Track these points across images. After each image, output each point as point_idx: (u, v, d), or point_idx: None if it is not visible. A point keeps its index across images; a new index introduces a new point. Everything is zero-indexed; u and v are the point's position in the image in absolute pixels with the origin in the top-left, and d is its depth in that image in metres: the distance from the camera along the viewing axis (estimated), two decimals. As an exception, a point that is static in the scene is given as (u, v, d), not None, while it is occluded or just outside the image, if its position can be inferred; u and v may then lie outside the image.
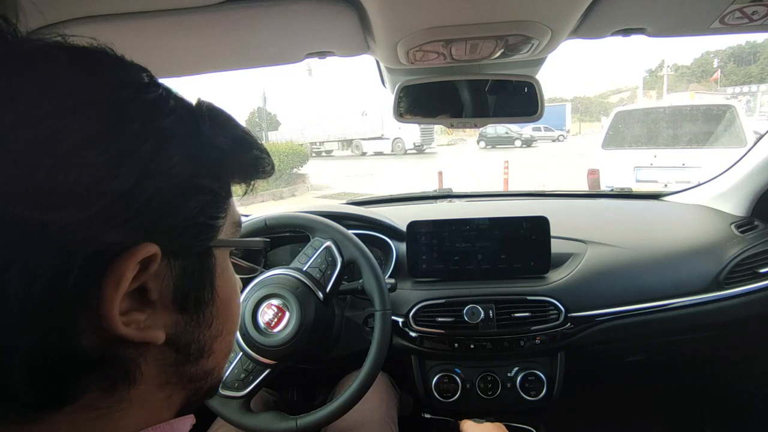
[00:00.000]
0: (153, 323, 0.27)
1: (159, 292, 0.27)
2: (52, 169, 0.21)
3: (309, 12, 0.60)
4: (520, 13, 0.59)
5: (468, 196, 1.59)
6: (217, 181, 0.30)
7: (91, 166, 0.22)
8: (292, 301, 0.78)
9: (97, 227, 0.23)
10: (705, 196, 1.29)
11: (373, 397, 0.91)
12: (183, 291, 0.28)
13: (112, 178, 0.23)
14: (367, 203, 1.44)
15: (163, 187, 0.25)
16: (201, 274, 0.30)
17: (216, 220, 0.30)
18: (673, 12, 0.64)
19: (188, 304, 0.29)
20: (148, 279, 0.26)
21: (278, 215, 0.87)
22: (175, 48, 0.68)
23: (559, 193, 1.62)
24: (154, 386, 0.28)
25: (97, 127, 0.23)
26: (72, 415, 0.25)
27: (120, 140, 0.24)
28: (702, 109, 4.45)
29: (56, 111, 0.22)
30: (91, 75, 0.24)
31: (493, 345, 0.95)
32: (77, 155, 0.22)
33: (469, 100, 0.88)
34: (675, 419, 1.37)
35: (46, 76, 0.23)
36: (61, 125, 0.22)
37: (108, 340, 0.24)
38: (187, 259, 0.28)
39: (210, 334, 0.31)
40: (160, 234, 0.26)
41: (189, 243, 0.28)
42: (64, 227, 0.21)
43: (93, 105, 0.23)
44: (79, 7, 0.54)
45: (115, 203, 0.23)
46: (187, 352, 0.30)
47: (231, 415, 0.78)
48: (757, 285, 0.98)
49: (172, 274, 0.27)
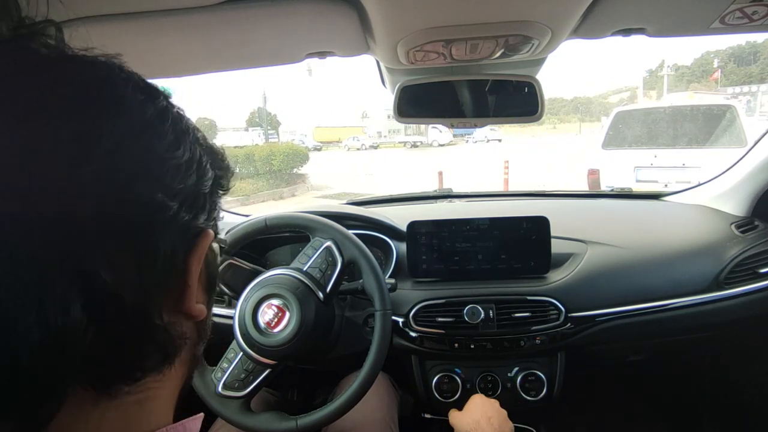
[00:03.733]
0: (198, 300, 0.31)
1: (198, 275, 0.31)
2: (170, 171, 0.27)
3: (309, 12, 0.60)
4: (520, 13, 0.59)
5: (468, 196, 1.59)
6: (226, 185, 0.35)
7: (177, 167, 0.28)
8: (293, 301, 0.78)
9: (186, 213, 0.28)
10: (705, 196, 1.29)
11: (373, 398, 0.91)
12: (211, 274, 0.34)
13: (187, 177, 0.28)
14: (367, 203, 1.44)
15: (208, 187, 0.31)
16: (214, 259, 0.35)
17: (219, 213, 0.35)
18: (674, 12, 0.64)
19: (210, 286, 0.34)
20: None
21: (278, 215, 0.87)
22: (175, 48, 0.68)
23: (560, 193, 1.62)
24: (179, 366, 0.31)
25: (174, 137, 0.28)
26: (121, 399, 0.26)
27: (186, 149, 0.29)
28: (702, 109, 4.44)
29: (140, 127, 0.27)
30: (152, 97, 0.28)
31: (494, 345, 0.95)
32: (171, 157, 0.27)
33: (469, 100, 0.88)
34: (675, 419, 1.37)
35: (125, 100, 0.27)
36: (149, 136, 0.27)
37: (176, 314, 0.29)
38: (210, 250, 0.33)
39: (210, 316, 0.35)
40: (210, 223, 0.32)
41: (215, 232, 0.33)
42: (177, 212, 0.27)
43: (162, 122, 0.28)
44: (79, 7, 0.54)
45: (190, 196, 0.29)
46: (204, 331, 0.34)
47: (231, 415, 0.78)
48: (758, 285, 0.98)
49: (205, 260, 0.32)
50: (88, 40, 0.26)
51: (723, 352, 1.24)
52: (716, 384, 1.33)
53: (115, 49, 0.27)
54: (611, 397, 1.41)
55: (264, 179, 10.28)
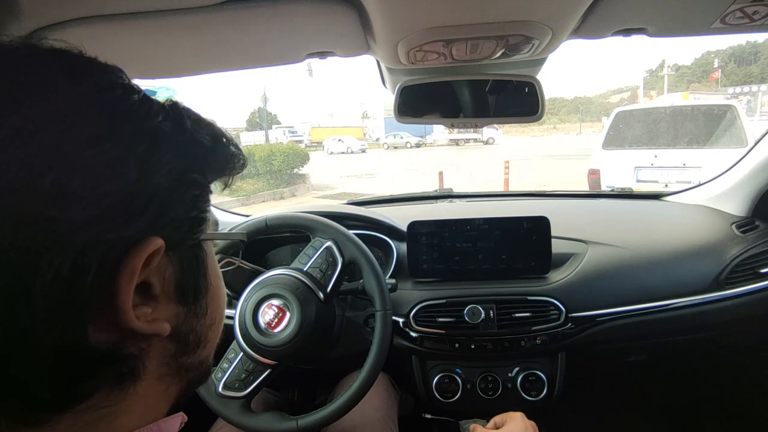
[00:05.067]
0: (158, 316, 0.28)
1: (161, 285, 0.28)
2: (60, 171, 0.22)
3: (309, 12, 0.60)
4: (520, 13, 0.59)
5: (468, 196, 1.59)
6: (204, 175, 0.31)
7: (94, 166, 0.23)
8: (293, 302, 0.78)
9: (108, 224, 0.23)
10: (706, 196, 1.29)
11: (373, 398, 0.91)
12: (182, 283, 0.30)
13: (116, 177, 0.24)
14: (367, 203, 1.44)
15: (161, 183, 0.26)
16: (196, 265, 0.31)
17: (205, 213, 0.31)
18: (674, 12, 0.64)
19: (187, 295, 0.30)
20: (151, 274, 0.27)
21: (279, 215, 0.87)
22: (175, 48, 0.68)
23: (560, 193, 1.62)
24: (155, 380, 0.29)
25: (97, 129, 0.24)
26: (75, 416, 0.25)
27: (118, 140, 0.24)
28: (703, 109, 4.44)
29: (56, 115, 0.23)
30: (81, 78, 0.25)
31: (494, 345, 0.95)
32: (81, 156, 0.23)
33: (469, 101, 0.88)
34: (675, 419, 1.37)
35: (42, 81, 0.23)
36: (61, 128, 0.23)
37: (120, 335, 0.25)
38: (183, 252, 0.30)
39: (205, 323, 0.33)
40: (162, 228, 0.27)
41: (186, 236, 0.29)
42: (80, 225, 0.22)
43: (90, 107, 0.24)
44: (78, 7, 0.54)
45: (121, 201, 0.24)
46: (186, 342, 0.31)
47: (232, 415, 0.78)
48: (758, 285, 0.98)
49: (172, 267, 0.29)
50: (88, 40, 0.26)
51: (724, 352, 1.24)
52: (717, 384, 1.33)
53: (115, 49, 0.27)
54: (611, 397, 1.41)
55: (264, 179, 10.27)
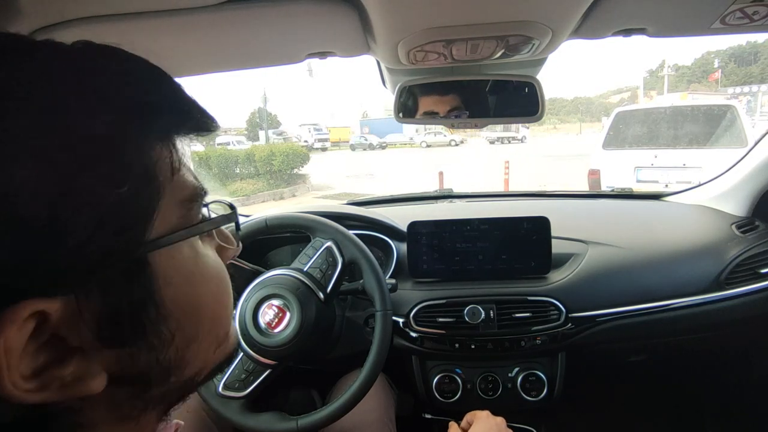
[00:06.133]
0: (86, 371, 0.21)
1: (79, 335, 0.21)
2: None
3: (309, 12, 0.60)
4: (520, 14, 0.59)
5: (468, 197, 1.59)
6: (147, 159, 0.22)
7: None
8: (293, 302, 0.78)
9: None
10: (706, 197, 1.29)
11: (370, 398, 0.91)
12: (112, 323, 0.22)
13: None
14: (367, 203, 1.44)
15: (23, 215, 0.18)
16: (134, 293, 0.23)
17: (139, 221, 0.22)
18: (674, 12, 0.64)
19: (125, 334, 0.23)
20: (58, 327, 0.20)
21: (279, 215, 0.87)
22: (175, 48, 0.68)
23: (560, 193, 1.62)
24: (114, 423, 0.24)
25: None
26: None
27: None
28: (703, 109, 4.44)
29: None
30: None
31: (494, 345, 0.95)
32: None
33: (469, 101, 0.88)
34: (676, 419, 1.37)
35: None
36: None
37: (24, 411, 0.20)
38: (107, 285, 0.21)
39: (175, 348, 0.25)
40: (43, 277, 0.19)
41: (98, 269, 0.21)
42: None
43: None
44: (78, 7, 0.54)
45: None
46: (146, 380, 0.25)
47: (231, 415, 0.78)
48: (758, 285, 0.98)
49: (92, 310, 0.21)
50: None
51: (724, 352, 1.24)
52: (717, 384, 1.33)
53: None
54: (612, 397, 1.41)
55: (264, 179, 10.28)
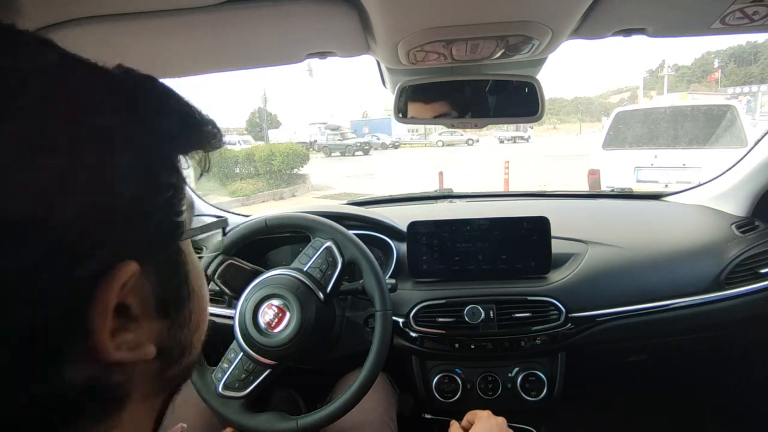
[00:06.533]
0: (141, 339, 0.25)
1: (140, 305, 0.25)
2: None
3: (309, 12, 0.60)
4: (520, 14, 0.59)
5: (468, 197, 1.59)
6: (175, 172, 0.27)
7: (28, 197, 0.19)
8: (293, 302, 0.78)
9: (65, 260, 0.20)
10: (706, 197, 1.29)
11: (371, 397, 0.91)
12: (163, 297, 0.27)
13: (58, 205, 0.19)
14: (367, 203, 1.44)
15: (123, 194, 0.22)
16: (177, 273, 0.28)
17: (180, 215, 0.27)
18: (674, 12, 0.64)
19: (170, 308, 0.28)
20: (128, 296, 0.24)
21: (279, 215, 0.87)
22: (175, 48, 0.68)
23: (560, 193, 1.62)
24: (141, 401, 0.27)
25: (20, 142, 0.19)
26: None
27: (52, 156, 0.19)
28: (703, 109, 4.44)
29: None
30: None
31: (494, 345, 0.95)
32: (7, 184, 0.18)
33: (469, 101, 0.88)
34: (676, 419, 1.37)
35: None
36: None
37: (100, 370, 0.23)
38: (160, 264, 0.26)
39: (190, 331, 0.30)
40: (133, 246, 0.23)
41: (161, 248, 0.26)
42: (30, 270, 0.19)
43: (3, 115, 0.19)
44: (78, 7, 0.54)
45: (75, 228, 0.20)
46: (171, 356, 0.29)
47: (231, 415, 0.78)
48: (758, 285, 0.98)
49: (150, 282, 0.26)
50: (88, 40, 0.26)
51: (724, 352, 1.24)
52: (717, 384, 1.33)
53: (115, 50, 0.27)
54: (611, 397, 1.41)
55: (264, 179, 10.28)
